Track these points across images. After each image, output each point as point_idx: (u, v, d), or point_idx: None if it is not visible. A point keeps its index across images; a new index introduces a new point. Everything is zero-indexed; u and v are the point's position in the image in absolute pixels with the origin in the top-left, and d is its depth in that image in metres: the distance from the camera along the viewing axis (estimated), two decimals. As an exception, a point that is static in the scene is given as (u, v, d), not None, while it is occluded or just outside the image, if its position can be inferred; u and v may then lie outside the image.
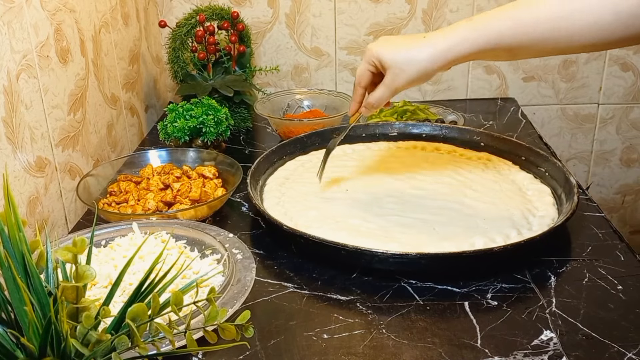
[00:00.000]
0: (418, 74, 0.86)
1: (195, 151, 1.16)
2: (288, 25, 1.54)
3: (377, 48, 0.89)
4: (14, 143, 0.87)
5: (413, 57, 0.85)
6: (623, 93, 1.60)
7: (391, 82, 0.88)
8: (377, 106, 0.93)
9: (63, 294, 0.47)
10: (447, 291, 0.83)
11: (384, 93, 0.90)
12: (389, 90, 0.89)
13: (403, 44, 0.87)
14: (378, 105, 0.92)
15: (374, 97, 0.91)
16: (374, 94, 0.91)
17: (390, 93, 0.90)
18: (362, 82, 0.93)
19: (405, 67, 0.86)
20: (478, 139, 1.20)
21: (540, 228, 0.92)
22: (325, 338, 0.75)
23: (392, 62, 0.87)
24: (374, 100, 0.92)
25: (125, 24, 1.32)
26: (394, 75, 0.87)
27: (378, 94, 0.91)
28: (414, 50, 0.85)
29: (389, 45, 0.88)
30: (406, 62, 0.85)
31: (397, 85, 0.88)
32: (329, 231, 0.91)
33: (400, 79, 0.87)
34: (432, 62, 0.84)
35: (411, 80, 0.87)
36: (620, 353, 0.71)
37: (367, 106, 0.94)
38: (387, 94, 0.90)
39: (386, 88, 0.89)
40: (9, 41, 0.86)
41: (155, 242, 0.85)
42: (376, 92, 0.91)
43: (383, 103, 0.92)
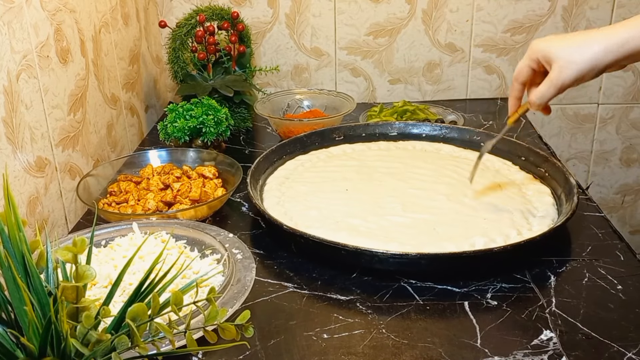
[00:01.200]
0: (590, 65, 0.79)
1: (195, 151, 1.16)
2: (288, 25, 1.54)
3: (542, 42, 0.84)
4: (14, 143, 0.87)
5: (585, 48, 0.79)
6: (623, 93, 1.60)
7: (557, 75, 0.82)
8: (540, 104, 0.86)
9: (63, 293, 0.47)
10: (447, 291, 0.83)
11: (549, 89, 0.83)
12: (554, 86, 0.82)
13: (573, 36, 0.82)
14: (541, 103, 0.85)
15: (537, 95, 0.85)
16: (537, 90, 0.85)
17: (555, 89, 0.83)
18: (520, 77, 0.87)
19: (575, 58, 0.80)
20: (478, 139, 1.20)
21: (540, 228, 0.92)
22: (325, 338, 0.75)
23: (560, 54, 0.81)
24: (537, 97, 0.85)
25: (125, 24, 1.32)
26: (560, 69, 0.81)
27: (542, 90, 0.84)
28: (587, 41, 0.80)
29: (556, 40, 0.83)
30: (577, 52, 0.80)
31: (564, 80, 0.81)
32: (329, 231, 0.91)
33: (567, 73, 0.81)
34: (606, 52, 0.78)
35: (580, 74, 0.80)
36: (620, 353, 0.71)
37: (531, 104, 0.87)
38: (552, 90, 0.83)
39: (551, 83, 0.82)
40: (9, 41, 0.86)
41: (155, 242, 0.85)
42: (540, 89, 0.84)
43: (546, 101, 0.85)
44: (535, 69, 0.86)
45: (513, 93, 0.90)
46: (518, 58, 1.56)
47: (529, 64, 0.85)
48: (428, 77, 1.58)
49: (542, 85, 0.84)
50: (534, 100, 0.86)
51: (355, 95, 1.56)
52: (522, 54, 1.54)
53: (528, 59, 0.85)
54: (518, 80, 0.88)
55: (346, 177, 1.10)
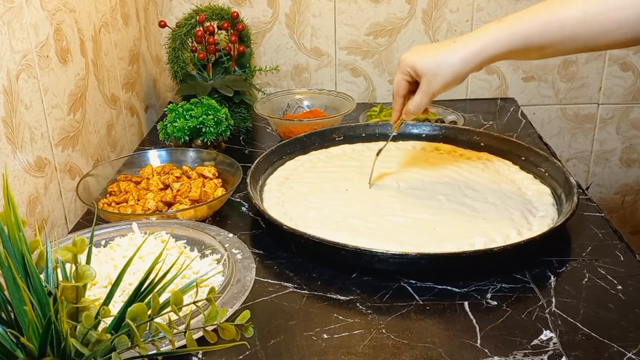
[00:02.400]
0: (452, 76, 0.89)
1: (195, 151, 1.16)
2: (288, 25, 1.54)
3: (410, 57, 0.92)
4: (14, 143, 0.87)
5: (445, 61, 0.88)
6: (623, 93, 1.60)
7: (427, 87, 0.91)
8: (417, 112, 0.96)
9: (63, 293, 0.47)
10: (447, 291, 0.83)
11: (422, 99, 0.93)
12: (426, 95, 0.92)
13: (434, 50, 0.91)
14: (417, 111, 0.95)
15: (413, 104, 0.95)
16: (412, 101, 0.95)
17: (427, 98, 0.93)
18: (399, 91, 0.96)
19: (439, 72, 0.89)
20: (478, 139, 1.20)
21: (540, 228, 0.92)
22: (325, 338, 0.75)
23: (426, 68, 0.90)
24: (413, 107, 0.95)
25: (125, 24, 1.32)
26: (428, 81, 0.91)
27: (416, 100, 0.94)
28: (446, 54, 0.88)
29: (420, 53, 0.92)
30: (439, 66, 0.89)
31: (433, 90, 0.91)
32: (329, 231, 0.91)
33: (435, 84, 0.90)
34: (464, 64, 0.87)
35: (445, 84, 0.90)
36: (620, 353, 0.71)
37: (407, 113, 0.97)
38: (425, 100, 0.93)
39: (423, 94, 0.92)
40: (8, 41, 0.86)
41: (155, 242, 0.85)
42: (414, 99, 0.94)
43: (422, 109, 0.95)
44: (409, 81, 0.95)
45: (396, 106, 0.99)
46: (518, 58, 1.56)
47: (404, 77, 0.94)
48: (428, 77, 1.58)
49: (417, 96, 0.94)
50: (412, 109, 0.95)
51: (355, 95, 1.56)
52: (522, 54, 1.55)
53: (402, 73, 0.94)
54: (399, 94, 0.97)
55: (346, 177, 1.10)
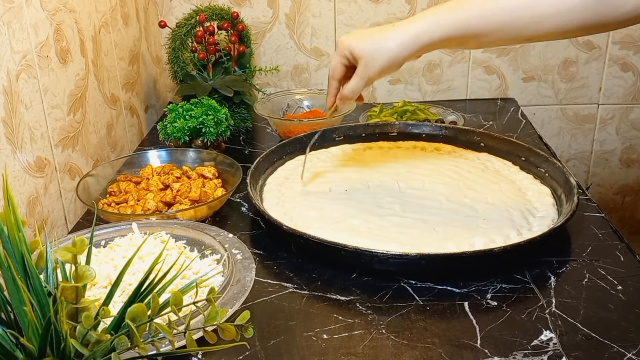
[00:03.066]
0: (389, 61, 0.87)
1: (195, 151, 1.16)
2: (288, 25, 1.54)
3: (348, 40, 0.90)
4: (14, 143, 0.87)
5: (383, 45, 0.87)
6: (623, 93, 1.60)
7: (363, 71, 0.89)
8: (352, 97, 0.94)
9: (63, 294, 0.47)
10: (447, 291, 0.83)
11: (358, 83, 0.91)
12: (362, 79, 0.90)
13: (373, 33, 0.89)
14: (353, 96, 0.93)
15: (348, 89, 0.93)
16: (348, 85, 0.92)
17: (363, 82, 0.91)
18: (335, 75, 0.94)
19: (376, 56, 0.87)
20: (478, 139, 1.20)
21: (540, 229, 0.92)
22: (325, 338, 0.75)
23: (363, 51, 0.88)
24: (348, 91, 0.93)
25: (125, 24, 1.32)
26: (365, 64, 0.89)
27: (352, 84, 0.92)
28: (384, 38, 0.87)
29: (359, 37, 0.90)
30: (376, 50, 0.87)
31: (370, 74, 0.89)
32: (329, 231, 0.91)
33: (371, 68, 0.88)
34: (401, 48, 0.86)
35: (382, 68, 0.88)
36: (620, 353, 0.70)
37: (342, 98, 0.95)
38: (361, 84, 0.91)
39: (359, 78, 0.90)
40: (8, 41, 0.86)
41: (154, 242, 0.85)
42: (350, 84, 0.92)
43: (357, 94, 0.93)
44: (346, 65, 0.92)
45: (331, 90, 0.96)
46: (518, 58, 1.56)
47: (341, 60, 0.92)
48: (428, 77, 1.58)
49: (352, 80, 0.91)
50: (346, 94, 0.93)
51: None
52: (522, 54, 1.55)
53: (339, 55, 0.92)
54: (334, 78, 0.94)
55: (346, 177, 1.10)
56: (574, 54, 1.56)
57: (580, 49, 1.55)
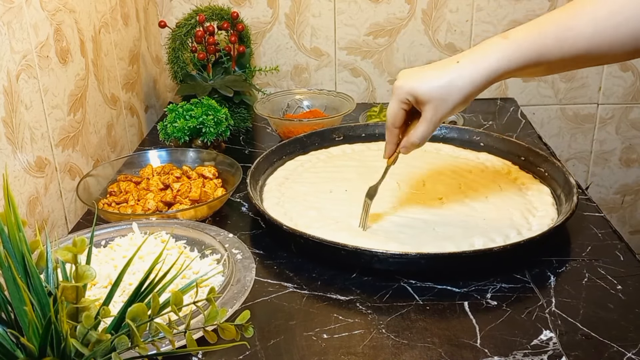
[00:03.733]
0: (461, 100, 0.80)
1: (195, 151, 1.16)
2: (288, 25, 1.54)
3: (408, 83, 0.82)
4: (14, 143, 0.87)
5: (453, 84, 0.79)
6: (622, 93, 1.60)
7: (433, 115, 0.82)
8: (421, 144, 0.86)
9: (63, 294, 0.47)
10: (447, 291, 0.83)
11: (428, 128, 0.83)
12: (432, 124, 0.83)
13: (435, 73, 0.81)
14: (422, 143, 0.86)
15: (417, 136, 0.84)
16: (416, 132, 0.84)
17: (433, 127, 0.83)
18: (396, 122, 0.86)
19: (447, 97, 0.80)
20: (477, 139, 1.20)
21: (540, 228, 0.92)
22: (325, 338, 0.75)
23: (431, 94, 0.80)
24: (418, 139, 0.85)
25: (125, 24, 1.32)
26: (435, 108, 0.81)
27: (421, 131, 0.83)
28: (451, 77, 0.79)
29: (419, 78, 0.82)
30: (446, 91, 0.80)
31: (440, 117, 0.82)
32: (329, 231, 0.91)
33: (442, 111, 0.81)
34: (473, 86, 0.79)
35: (454, 109, 0.81)
36: (619, 353, 0.71)
37: (409, 146, 0.87)
38: (431, 129, 0.83)
39: (429, 123, 0.82)
40: (8, 41, 0.86)
41: (155, 242, 0.85)
42: (418, 130, 0.84)
43: (427, 139, 0.85)
44: (407, 110, 0.85)
45: (392, 139, 0.88)
46: (518, 58, 1.55)
47: (402, 106, 0.84)
48: (428, 77, 1.58)
49: (421, 127, 0.83)
50: (416, 142, 0.85)
51: (355, 95, 1.56)
52: (521, 54, 1.55)
53: (399, 102, 0.84)
54: (395, 126, 0.86)
55: (346, 177, 1.10)
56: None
57: (580, 49, 1.55)
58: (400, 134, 0.88)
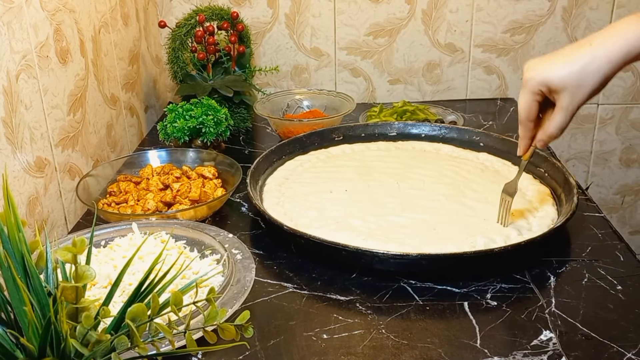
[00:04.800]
0: (598, 83, 0.77)
1: (195, 151, 1.16)
2: (288, 25, 1.54)
3: (539, 73, 0.79)
4: (14, 143, 0.87)
5: (587, 68, 0.76)
6: (622, 93, 1.60)
7: (570, 103, 0.78)
8: (559, 135, 0.83)
9: (63, 294, 0.47)
10: (447, 291, 0.83)
11: (565, 117, 0.80)
12: (569, 112, 0.79)
13: (567, 58, 0.78)
14: (560, 134, 0.83)
15: (555, 127, 0.81)
16: (553, 123, 0.81)
17: (570, 116, 0.80)
18: (530, 116, 0.83)
19: (583, 82, 0.77)
20: (477, 139, 1.20)
21: (540, 229, 0.92)
22: (324, 338, 0.75)
23: (565, 81, 0.77)
24: (555, 129, 0.82)
25: (125, 24, 1.32)
26: (571, 95, 0.78)
27: (558, 121, 0.80)
28: (585, 60, 0.76)
29: (550, 66, 0.79)
30: (581, 76, 0.77)
31: (577, 105, 0.79)
32: (330, 231, 0.91)
33: (579, 96, 0.78)
34: (611, 67, 0.76)
35: (592, 93, 0.78)
36: (619, 353, 0.71)
37: (547, 138, 0.84)
38: (568, 118, 0.80)
39: (565, 111, 0.79)
40: (8, 41, 0.86)
41: (154, 242, 0.85)
42: (555, 120, 0.81)
43: (564, 129, 0.82)
44: (540, 102, 0.82)
45: (526, 134, 0.85)
46: (518, 58, 1.56)
47: (535, 98, 0.81)
48: (428, 78, 1.58)
49: (557, 116, 0.80)
50: (554, 132, 0.82)
51: (355, 95, 1.56)
52: (522, 54, 1.55)
53: (531, 94, 0.81)
54: (530, 119, 0.83)
55: (346, 177, 1.10)
56: None
57: (580, 49, 1.55)
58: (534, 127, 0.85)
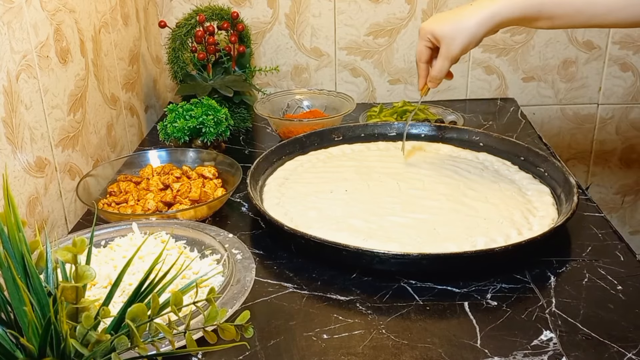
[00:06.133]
0: (468, 39, 0.94)
1: (195, 151, 1.16)
2: (288, 25, 1.54)
3: (428, 25, 0.97)
4: (14, 143, 0.87)
5: (462, 25, 0.94)
6: (622, 93, 1.60)
7: (447, 51, 0.96)
8: (441, 77, 1.01)
9: (63, 294, 0.47)
10: (447, 291, 0.83)
11: (444, 63, 0.98)
12: (447, 59, 0.97)
13: (451, 15, 0.96)
14: (441, 76, 1.00)
15: (436, 69, 1.00)
16: (435, 66, 1.00)
17: (449, 62, 0.98)
18: (422, 58, 1.01)
19: (456, 35, 0.94)
20: (477, 139, 1.20)
21: (541, 228, 0.92)
22: (325, 338, 0.75)
23: (444, 32, 0.95)
24: (437, 72, 1.00)
25: (125, 24, 1.32)
26: (447, 45, 0.96)
27: (438, 65, 0.99)
28: (462, 18, 0.94)
29: (439, 19, 0.97)
30: (456, 30, 0.94)
31: (453, 54, 0.96)
32: (330, 232, 0.91)
33: (454, 47, 0.95)
34: (479, 26, 0.92)
35: (463, 46, 0.95)
36: (620, 353, 0.71)
37: (432, 79, 1.02)
38: (447, 64, 0.98)
39: (444, 58, 0.98)
40: (8, 41, 0.86)
41: (154, 242, 0.85)
42: (436, 65, 1.00)
43: (445, 73, 1.00)
44: (430, 47, 0.99)
45: (421, 73, 1.03)
46: (518, 58, 1.56)
47: (425, 44, 0.99)
48: (428, 78, 1.58)
49: (438, 62, 0.99)
50: (435, 75, 1.01)
51: (355, 95, 1.56)
52: (522, 54, 1.55)
53: (422, 39, 0.99)
54: (422, 61, 1.02)
55: (346, 177, 1.10)
56: (574, 54, 1.56)
57: (580, 49, 1.55)
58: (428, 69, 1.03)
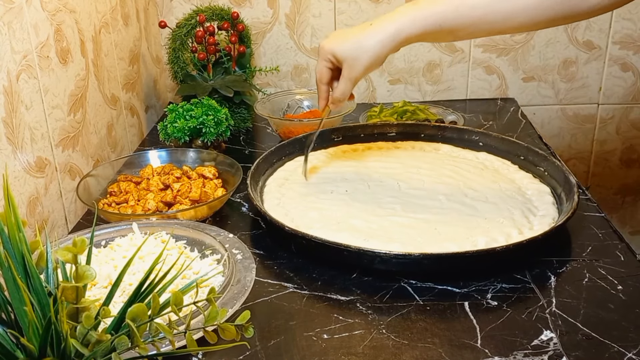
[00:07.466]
0: (371, 59, 0.90)
1: (195, 151, 1.16)
2: (288, 25, 1.54)
3: (329, 44, 0.93)
4: (14, 143, 0.87)
5: (363, 45, 0.89)
6: (623, 93, 1.60)
7: (349, 72, 0.92)
8: (343, 99, 0.97)
9: (63, 294, 0.47)
10: (447, 291, 0.83)
11: (346, 85, 0.94)
12: (349, 81, 0.93)
13: (352, 34, 0.91)
14: (343, 98, 0.97)
15: (338, 92, 0.96)
16: (337, 89, 0.96)
17: (351, 84, 0.94)
18: (323, 79, 0.97)
19: (359, 56, 0.90)
20: (477, 139, 1.20)
21: (542, 227, 0.92)
22: (325, 338, 0.75)
23: (345, 53, 0.91)
24: (339, 94, 0.96)
25: (125, 24, 1.32)
26: (349, 66, 0.92)
27: (340, 87, 0.95)
28: (363, 38, 0.90)
29: (339, 39, 0.93)
30: (358, 50, 0.90)
31: (355, 75, 0.92)
32: (330, 232, 0.91)
33: (356, 69, 0.91)
34: (382, 46, 0.89)
35: (366, 67, 0.91)
36: (620, 353, 0.71)
37: (334, 101, 0.99)
38: (349, 85, 0.94)
39: (346, 80, 0.94)
40: (9, 41, 0.86)
41: (155, 242, 0.85)
42: (339, 87, 0.96)
43: (347, 95, 0.96)
44: (331, 68, 0.95)
45: (322, 94, 1.00)
46: (518, 58, 1.56)
47: (325, 64, 0.95)
48: (428, 78, 1.58)
49: (340, 84, 0.95)
50: (337, 97, 0.97)
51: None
52: (522, 54, 1.55)
53: (323, 60, 0.95)
54: (322, 82, 0.98)
55: (346, 178, 1.10)
56: (574, 54, 1.56)
57: (580, 49, 1.55)
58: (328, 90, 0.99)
